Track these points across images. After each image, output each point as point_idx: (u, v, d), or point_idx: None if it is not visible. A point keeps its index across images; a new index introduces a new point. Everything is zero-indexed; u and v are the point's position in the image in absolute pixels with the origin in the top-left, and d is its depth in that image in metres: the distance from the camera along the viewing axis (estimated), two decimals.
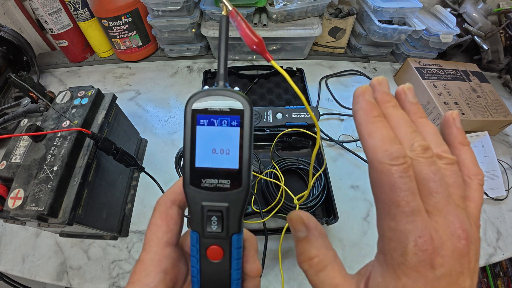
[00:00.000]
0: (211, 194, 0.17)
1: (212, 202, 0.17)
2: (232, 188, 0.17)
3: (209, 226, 0.18)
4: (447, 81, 0.73)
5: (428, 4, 0.89)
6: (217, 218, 0.17)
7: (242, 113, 0.17)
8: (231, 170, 0.17)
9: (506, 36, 0.81)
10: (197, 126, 0.17)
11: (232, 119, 0.17)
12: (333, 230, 0.55)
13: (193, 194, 0.18)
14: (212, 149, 0.17)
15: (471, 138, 0.68)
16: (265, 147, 0.64)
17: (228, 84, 0.18)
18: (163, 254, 0.18)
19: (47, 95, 0.48)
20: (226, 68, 0.19)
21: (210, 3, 0.76)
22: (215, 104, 0.17)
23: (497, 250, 0.55)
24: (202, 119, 0.17)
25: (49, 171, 0.39)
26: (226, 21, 0.19)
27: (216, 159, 0.17)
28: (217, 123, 0.17)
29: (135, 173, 0.62)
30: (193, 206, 0.18)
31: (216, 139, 0.17)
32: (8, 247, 0.53)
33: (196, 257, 0.18)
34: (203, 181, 0.17)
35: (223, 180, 0.17)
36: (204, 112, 0.17)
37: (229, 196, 0.17)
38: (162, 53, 0.89)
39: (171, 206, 0.19)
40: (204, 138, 0.17)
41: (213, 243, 0.18)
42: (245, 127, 0.17)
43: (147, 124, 0.72)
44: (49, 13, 0.73)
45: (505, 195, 0.62)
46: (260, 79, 0.75)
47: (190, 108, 0.17)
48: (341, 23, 0.82)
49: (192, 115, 0.17)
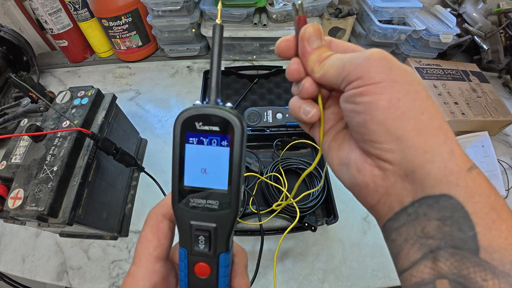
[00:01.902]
0: (199, 214, 0.17)
1: (200, 222, 0.17)
2: (220, 209, 0.17)
3: (197, 245, 0.18)
4: (447, 81, 0.73)
5: (428, 4, 0.89)
6: (204, 238, 0.17)
7: (233, 132, 0.16)
8: (219, 191, 0.17)
9: (506, 36, 0.81)
10: (186, 144, 0.17)
11: (222, 139, 0.16)
12: (333, 230, 0.55)
13: (181, 212, 0.17)
14: (202, 169, 0.17)
15: (471, 138, 0.68)
16: (265, 147, 0.64)
17: (220, 100, 0.18)
18: (153, 269, 0.18)
19: (47, 95, 0.48)
20: (218, 82, 0.18)
21: (210, 3, 0.76)
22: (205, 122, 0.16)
23: None
24: (192, 137, 0.17)
25: (49, 171, 0.39)
26: (219, 30, 0.18)
27: (205, 179, 0.17)
28: (206, 142, 0.16)
29: (135, 173, 0.62)
30: (181, 224, 0.18)
31: (206, 158, 0.17)
32: (8, 247, 0.53)
33: (184, 272, 0.18)
34: (191, 200, 0.17)
35: (211, 200, 0.17)
36: (193, 130, 0.16)
37: (217, 217, 0.17)
38: (162, 53, 0.89)
39: (162, 220, 0.19)
40: (193, 157, 0.17)
41: (201, 260, 0.18)
42: (235, 147, 0.16)
43: (147, 124, 0.72)
44: (49, 13, 0.73)
45: (505, 195, 0.62)
46: (260, 79, 0.75)
47: (179, 125, 0.17)
48: (341, 23, 0.82)
49: (181, 133, 0.17)
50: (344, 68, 0.17)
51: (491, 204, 0.14)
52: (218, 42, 0.18)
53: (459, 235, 0.14)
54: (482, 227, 0.14)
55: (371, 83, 0.16)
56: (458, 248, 0.14)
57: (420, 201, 0.15)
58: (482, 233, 0.14)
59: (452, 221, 0.14)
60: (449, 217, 0.15)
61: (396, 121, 0.16)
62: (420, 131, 0.15)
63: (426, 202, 0.15)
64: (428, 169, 0.15)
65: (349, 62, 0.17)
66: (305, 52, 0.20)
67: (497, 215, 0.14)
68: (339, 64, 0.18)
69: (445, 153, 0.15)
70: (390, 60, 0.17)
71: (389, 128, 0.16)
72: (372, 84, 0.16)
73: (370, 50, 0.17)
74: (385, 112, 0.16)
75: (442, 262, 0.14)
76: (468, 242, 0.14)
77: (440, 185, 0.15)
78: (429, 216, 0.15)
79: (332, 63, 0.18)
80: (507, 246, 0.14)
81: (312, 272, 0.51)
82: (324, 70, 0.19)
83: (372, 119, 0.16)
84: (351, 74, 0.17)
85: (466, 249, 0.14)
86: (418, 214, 0.15)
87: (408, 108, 0.16)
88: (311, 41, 0.19)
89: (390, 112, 0.16)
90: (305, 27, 0.20)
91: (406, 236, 0.16)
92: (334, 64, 0.18)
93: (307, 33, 0.20)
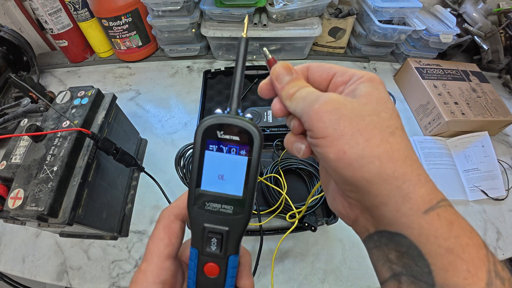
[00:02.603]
0: (214, 217, 0.18)
1: (213, 225, 0.18)
2: (234, 214, 0.18)
3: (209, 246, 0.18)
4: (447, 81, 0.73)
5: (428, 4, 0.89)
6: (216, 240, 0.18)
7: (253, 143, 0.17)
8: (235, 197, 0.18)
9: (506, 36, 0.81)
10: (206, 151, 0.17)
11: (241, 148, 0.17)
12: (333, 230, 0.55)
13: (196, 214, 0.18)
14: (219, 175, 0.18)
15: (471, 138, 0.68)
16: (265, 147, 0.64)
17: (240, 110, 0.19)
18: (163, 266, 0.19)
19: (47, 95, 0.48)
20: (240, 93, 0.19)
21: (210, 3, 0.76)
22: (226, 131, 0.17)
23: (497, 250, 0.55)
24: (212, 145, 0.17)
25: (49, 171, 0.39)
26: (245, 44, 0.19)
27: (222, 184, 0.18)
28: (226, 150, 0.17)
29: (135, 173, 0.62)
30: (195, 225, 0.18)
31: (224, 165, 0.18)
32: (8, 247, 0.53)
33: (193, 271, 0.19)
34: (207, 204, 0.18)
35: (226, 205, 0.18)
36: (214, 138, 0.17)
37: (230, 221, 0.18)
38: (162, 53, 0.89)
39: (174, 221, 0.20)
40: (212, 163, 0.18)
41: (211, 261, 0.19)
42: (253, 156, 0.17)
43: (147, 124, 0.72)
44: (49, 13, 0.73)
45: (505, 195, 0.62)
46: (260, 79, 0.75)
47: (200, 132, 0.17)
48: (341, 23, 0.82)
49: (202, 140, 0.17)
50: (302, 116, 0.19)
51: (448, 247, 0.15)
52: (242, 55, 0.19)
53: (416, 269, 0.16)
54: (437, 266, 0.15)
55: (320, 137, 0.17)
56: (417, 279, 0.15)
57: (381, 233, 0.17)
58: (437, 271, 0.15)
59: (409, 256, 0.16)
60: (405, 252, 0.16)
61: (346, 171, 0.17)
62: (371, 179, 0.16)
63: (385, 235, 0.17)
64: (382, 210, 0.17)
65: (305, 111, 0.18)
66: (276, 90, 0.21)
67: (456, 256, 0.15)
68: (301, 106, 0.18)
69: (398, 197, 0.16)
70: (339, 110, 0.17)
71: (341, 175, 0.17)
72: (321, 138, 0.17)
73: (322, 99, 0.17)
74: (335, 163, 0.17)
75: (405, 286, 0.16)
76: (424, 276, 0.15)
77: (395, 225, 0.16)
78: (389, 247, 0.17)
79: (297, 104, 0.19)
80: (465, 286, 0.14)
81: (312, 272, 0.51)
82: (293, 107, 0.19)
83: (328, 166, 0.18)
84: (306, 123, 0.18)
85: (424, 281, 0.15)
86: (381, 242, 0.17)
87: (355, 159, 0.16)
88: (279, 79, 0.20)
89: (339, 163, 0.17)
90: (274, 67, 0.21)
91: (377, 257, 0.18)
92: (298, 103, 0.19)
93: (275, 72, 0.20)
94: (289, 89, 0.20)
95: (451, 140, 0.69)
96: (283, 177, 0.54)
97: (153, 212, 0.57)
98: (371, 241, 0.19)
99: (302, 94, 0.19)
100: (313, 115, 0.17)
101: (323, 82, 0.21)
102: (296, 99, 0.19)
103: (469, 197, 0.62)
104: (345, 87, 0.19)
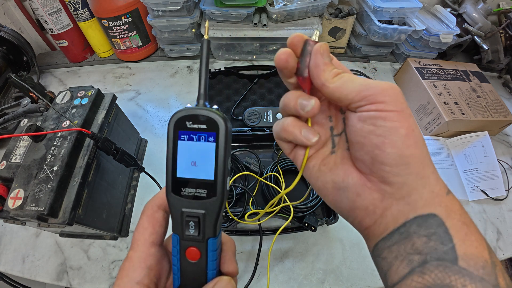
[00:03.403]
0: (190, 202, 0.19)
1: (190, 209, 0.19)
2: (208, 197, 0.19)
3: (188, 230, 0.20)
4: (447, 81, 0.73)
5: (428, 4, 0.89)
6: (194, 223, 0.19)
7: (218, 130, 0.19)
8: (207, 181, 0.19)
9: (506, 36, 0.81)
10: (178, 141, 0.19)
11: (209, 135, 0.19)
12: (333, 230, 0.55)
13: (174, 201, 0.20)
14: (192, 162, 0.19)
15: (471, 138, 0.68)
16: (265, 147, 0.64)
17: (207, 103, 0.20)
18: (149, 252, 0.20)
19: (47, 95, 0.48)
20: (206, 88, 0.20)
21: (210, 3, 0.76)
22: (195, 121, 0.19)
23: (497, 250, 0.55)
24: (183, 135, 0.19)
25: (49, 171, 0.39)
26: (207, 44, 0.21)
27: (195, 170, 0.19)
28: (195, 139, 0.19)
29: (135, 173, 0.62)
30: (174, 211, 0.20)
31: (195, 152, 0.19)
32: (8, 247, 0.53)
33: (176, 257, 0.20)
34: (183, 190, 0.19)
35: (200, 189, 0.19)
36: (184, 128, 0.19)
37: (205, 204, 0.19)
38: (162, 53, 0.89)
39: (157, 210, 0.21)
40: (185, 151, 0.19)
41: (191, 245, 0.20)
42: (220, 142, 0.19)
43: (147, 124, 0.72)
44: (49, 13, 0.73)
45: (505, 195, 0.62)
46: (260, 79, 0.75)
47: (172, 124, 0.19)
48: (341, 23, 0.82)
49: (174, 131, 0.19)
50: (367, 88, 0.18)
51: (463, 221, 0.18)
52: (205, 55, 0.21)
53: (441, 248, 0.17)
54: (458, 239, 0.17)
55: (394, 110, 0.18)
56: (441, 259, 0.17)
57: (411, 220, 0.18)
58: (458, 244, 0.17)
59: (436, 236, 0.17)
60: (434, 233, 0.17)
61: (409, 149, 0.18)
62: (421, 160, 0.18)
63: (416, 221, 0.18)
64: (421, 192, 0.18)
65: (373, 84, 0.19)
66: (319, 64, 0.20)
67: (468, 228, 0.17)
68: (361, 82, 0.19)
69: (433, 179, 0.18)
70: (403, 96, 0.19)
71: (402, 153, 0.18)
72: (395, 112, 0.18)
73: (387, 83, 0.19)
74: (403, 139, 0.18)
75: (427, 275, 0.17)
76: (449, 253, 0.17)
77: (428, 206, 0.18)
78: (418, 234, 0.18)
79: (353, 79, 0.19)
80: (477, 254, 0.17)
81: (312, 272, 0.51)
82: (342, 82, 0.19)
83: (390, 143, 0.18)
84: (376, 95, 0.18)
85: (447, 259, 0.17)
86: (409, 232, 0.18)
87: (417, 139, 0.18)
88: (325, 55, 0.20)
89: (406, 140, 0.18)
90: (320, 43, 0.20)
91: (396, 253, 0.19)
92: (354, 80, 0.19)
93: (322, 48, 0.20)
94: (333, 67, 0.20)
95: (451, 140, 0.69)
96: (282, 176, 0.54)
97: None
98: (396, 234, 0.19)
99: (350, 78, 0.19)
100: (389, 89, 0.18)
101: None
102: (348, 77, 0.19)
103: (469, 197, 0.62)
104: None
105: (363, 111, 0.19)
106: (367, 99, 0.18)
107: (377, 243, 0.20)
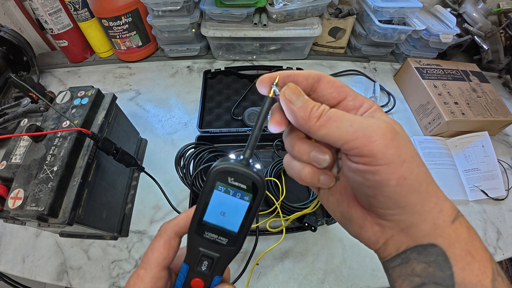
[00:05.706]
0: (209, 245, 0.21)
1: (207, 250, 0.21)
2: (227, 245, 0.21)
3: (200, 266, 0.21)
4: (447, 81, 0.73)
5: (428, 4, 0.89)
6: (207, 263, 0.21)
7: (256, 193, 0.20)
8: (231, 232, 0.21)
9: (506, 36, 0.81)
10: (215, 190, 0.20)
11: (245, 195, 0.20)
12: (333, 230, 0.55)
13: (195, 239, 0.21)
14: (221, 212, 0.20)
15: (471, 138, 0.68)
16: (265, 147, 0.64)
17: (251, 160, 0.21)
18: (160, 275, 0.21)
19: (47, 95, 0.48)
20: (255, 144, 0.21)
21: (210, 3, 0.76)
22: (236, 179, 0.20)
23: (497, 250, 0.55)
24: (221, 186, 0.20)
25: (49, 171, 0.39)
26: (270, 103, 0.20)
27: (222, 220, 0.21)
28: (232, 193, 0.20)
29: (135, 173, 0.62)
30: (191, 247, 0.21)
31: (227, 205, 0.20)
32: (8, 247, 0.53)
33: (181, 281, 0.22)
34: (206, 233, 0.21)
35: (222, 237, 0.21)
36: (224, 181, 0.20)
37: (223, 250, 0.21)
38: (162, 53, 0.89)
39: (175, 238, 0.22)
40: (218, 200, 0.20)
41: (198, 277, 0.22)
42: (254, 204, 0.20)
43: (147, 124, 0.72)
44: (49, 13, 0.73)
45: (505, 195, 0.62)
46: None
47: (214, 174, 0.20)
48: (341, 23, 0.82)
49: (214, 180, 0.20)
50: (354, 138, 0.18)
51: (468, 249, 0.18)
52: (264, 112, 0.20)
53: (439, 274, 0.18)
54: (458, 267, 0.17)
55: (383, 164, 0.17)
56: (438, 284, 0.18)
57: (412, 249, 0.19)
58: (457, 272, 0.17)
59: (436, 264, 0.18)
60: (433, 261, 0.18)
61: (402, 196, 0.18)
62: (419, 200, 0.18)
63: (416, 249, 0.19)
64: (421, 226, 0.18)
65: (360, 129, 0.18)
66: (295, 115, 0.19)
67: (472, 257, 0.18)
68: (347, 128, 0.18)
69: (435, 213, 0.18)
70: (397, 134, 0.18)
71: (395, 201, 0.18)
72: (384, 165, 0.17)
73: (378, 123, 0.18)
74: (394, 189, 0.18)
75: None
76: (446, 279, 0.17)
77: (429, 237, 0.18)
78: (418, 260, 0.19)
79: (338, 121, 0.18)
80: (477, 282, 0.17)
81: (312, 272, 0.51)
82: (327, 130, 0.18)
83: (381, 193, 0.18)
84: (362, 148, 0.17)
85: (445, 285, 0.17)
86: (409, 258, 0.19)
87: (411, 185, 0.18)
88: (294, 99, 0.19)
89: (398, 190, 0.18)
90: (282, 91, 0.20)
91: (399, 273, 0.20)
92: (340, 123, 0.18)
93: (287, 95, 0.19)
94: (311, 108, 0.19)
95: (451, 140, 0.69)
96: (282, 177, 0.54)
97: (153, 212, 0.57)
98: (398, 259, 0.20)
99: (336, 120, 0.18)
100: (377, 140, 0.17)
101: (332, 100, 0.21)
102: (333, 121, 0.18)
103: (469, 197, 0.62)
104: (357, 112, 0.20)
105: (352, 161, 0.18)
106: (354, 151, 0.18)
107: (384, 263, 0.21)
